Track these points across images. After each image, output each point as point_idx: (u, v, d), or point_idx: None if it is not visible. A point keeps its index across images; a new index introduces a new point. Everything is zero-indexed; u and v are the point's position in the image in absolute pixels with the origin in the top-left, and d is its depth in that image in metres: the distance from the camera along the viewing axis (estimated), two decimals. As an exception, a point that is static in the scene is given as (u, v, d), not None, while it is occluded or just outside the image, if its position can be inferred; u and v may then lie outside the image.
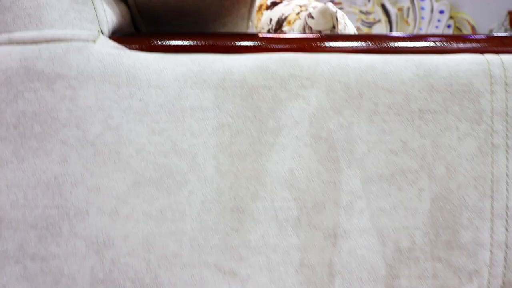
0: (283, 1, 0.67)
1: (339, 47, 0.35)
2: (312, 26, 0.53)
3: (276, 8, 0.66)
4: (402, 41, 0.37)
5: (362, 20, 3.34)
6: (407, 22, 3.36)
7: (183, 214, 0.32)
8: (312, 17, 0.52)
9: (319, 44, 0.35)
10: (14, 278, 0.31)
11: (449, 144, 0.33)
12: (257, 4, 0.68)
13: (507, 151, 0.33)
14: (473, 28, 3.41)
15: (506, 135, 0.33)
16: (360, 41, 0.36)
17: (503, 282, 0.34)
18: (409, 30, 3.38)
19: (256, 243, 0.32)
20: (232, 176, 0.32)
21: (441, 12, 3.38)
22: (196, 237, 0.32)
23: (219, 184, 0.32)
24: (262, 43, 0.36)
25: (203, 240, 0.32)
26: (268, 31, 0.67)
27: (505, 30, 3.40)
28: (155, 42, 0.35)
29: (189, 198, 0.32)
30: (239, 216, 0.32)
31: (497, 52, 0.35)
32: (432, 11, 3.37)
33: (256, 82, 0.32)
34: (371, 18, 3.34)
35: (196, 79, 0.32)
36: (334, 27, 0.51)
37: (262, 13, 0.69)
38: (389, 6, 3.37)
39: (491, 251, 0.34)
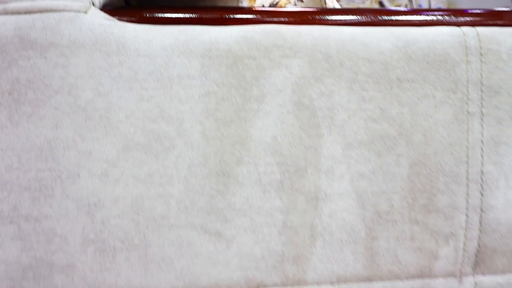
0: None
1: (326, 19, 0.36)
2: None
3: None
4: (389, 15, 0.38)
5: (360, 21, 3.36)
6: (404, 23, 3.39)
7: (171, 177, 0.33)
8: (302, 1, 0.54)
9: (308, 17, 0.36)
10: (8, 238, 0.32)
11: (426, 111, 0.34)
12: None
13: (482, 119, 0.35)
14: (469, 29, 3.43)
15: (481, 103, 0.35)
16: (347, 14, 0.37)
17: (479, 245, 0.35)
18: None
19: (241, 206, 0.33)
20: (217, 141, 0.33)
21: (439, 8, 3.40)
22: (183, 199, 0.33)
23: (205, 149, 0.33)
24: (254, 16, 0.37)
25: (189, 203, 0.33)
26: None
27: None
28: (146, 15, 0.36)
29: (176, 162, 0.33)
30: (224, 179, 0.33)
31: (473, 25, 0.36)
32: (429, 7, 3.39)
33: (241, 52, 0.34)
34: (368, 19, 3.37)
35: (183, 49, 0.33)
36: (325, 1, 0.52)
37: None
38: (387, 4, 3.38)
39: (466, 215, 0.35)
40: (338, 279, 0.34)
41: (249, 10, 0.39)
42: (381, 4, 3.41)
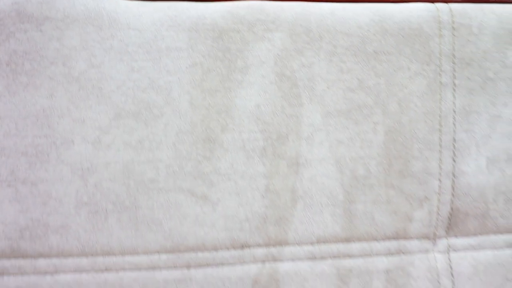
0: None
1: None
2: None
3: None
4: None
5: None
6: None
7: (160, 143, 0.35)
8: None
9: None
10: (7, 200, 0.34)
11: (401, 82, 0.36)
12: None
13: (454, 89, 0.37)
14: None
15: (453, 74, 0.37)
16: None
17: (451, 209, 0.37)
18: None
19: (226, 171, 0.35)
20: (204, 110, 0.35)
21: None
22: (171, 164, 0.35)
23: (192, 117, 0.35)
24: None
25: (177, 167, 0.35)
26: None
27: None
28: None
29: (165, 130, 0.35)
30: (210, 146, 0.35)
31: (446, 2, 0.38)
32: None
33: (226, 25, 0.36)
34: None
35: (171, 23, 0.35)
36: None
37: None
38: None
39: (440, 180, 0.37)
40: (318, 239, 0.36)
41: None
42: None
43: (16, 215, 0.34)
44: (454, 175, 0.37)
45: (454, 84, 0.37)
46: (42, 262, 0.35)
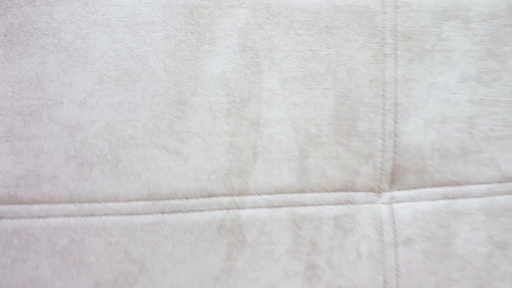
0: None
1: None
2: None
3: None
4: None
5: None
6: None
7: (137, 105, 0.40)
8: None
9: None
10: (4, 153, 0.39)
11: (350, 53, 0.42)
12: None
13: (396, 60, 0.42)
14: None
15: (396, 46, 0.42)
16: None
17: (394, 165, 0.43)
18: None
19: (195, 129, 0.41)
20: (176, 76, 0.40)
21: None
22: (147, 123, 0.40)
23: (166, 82, 0.40)
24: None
25: (153, 126, 0.40)
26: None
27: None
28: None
29: (142, 93, 0.40)
30: (181, 107, 0.40)
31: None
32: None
33: (196, 2, 0.41)
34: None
35: (148, 0, 0.40)
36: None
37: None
38: None
39: (383, 139, 0.42)
40: (276, 190, 0.42)
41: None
42: None
43: (13, 166, 0.40)
44: (395, 134, 0.43)
45: (396, 55, 0.42)
46: (35, 208, 0.40)
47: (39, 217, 0.40)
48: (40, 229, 0.40)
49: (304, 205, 0.42)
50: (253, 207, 0.42)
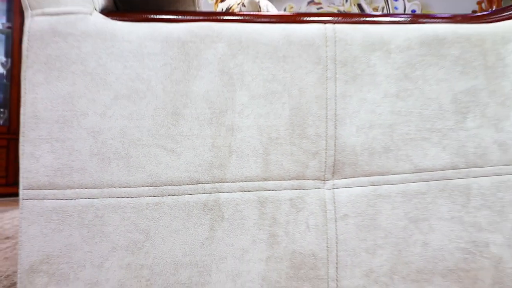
0: (232, -5, 0.89)
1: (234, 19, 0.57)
2: (244, 11, 0.75)
3: (226, 0, 0.89)
4: (278, 17, 0.59)
5: (340, 18, 3.55)
6: (381, 20, 3.58)
7: (143, 115, 0.54)
8: (244, 5, 0.75)
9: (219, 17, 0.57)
10: (46, 151, 0.53)
11: (301, 76, 0.56)
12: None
13: (335, 81, 0.56)
14: (442, 26, 3.63)
15: (335, 71, 0.56)
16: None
17: (334, 160, 0.57)
18: (383, 28, 3.59)
19: (186, 133, 0.55)
20: (172, 94, 0.54)
21: (413, 11, 3.61)
22: (151, 129, 0.54)
23: (164, 99, 0.54)
24: (202, 17, 0.58)
25: (155, 131, 0.54)
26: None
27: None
28: (128, 14, 0.57)
29: (147, 106, 0.54)
30: (176, 117, 0.55)
31: (336, 22, 0.57)
32: (404, 10, 3.59)
33: (186, 38, 0.55)
34: (348, 16, 3.56)
35: (150, 37, 0.55)
36: (259, 10, 0.74)
37: (217, 5, 0.92)
38: (365, 6, 3.59)
39: (326, 141, 0.56)
40: (246, 178, 0.56)
41: (199, 13, 0.60)
42: (360, 6, 3.61)
43: (52, 161, 0.54)
44: (335, 137, 0.57)
45: (335, 78, 0.57)
46: (68, 192, 0.54)
47: (71, 198, 0.54)
48: (72, 207, 0.54)
49: (267, 190, 0.56)
50: (229, 191, 0.56)
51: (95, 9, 0.56)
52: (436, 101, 0.58)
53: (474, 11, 3.17)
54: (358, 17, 0.59)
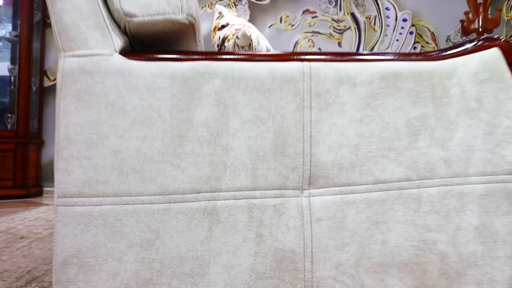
0: (228, 25, 1.02)
1: (231, 58, 0.70)
2: (238, 43, 0.88)
3: (223, 29, 1.02)
4: (268, 56, 0.72)
5: (334, 28, 3.69)
6: (374, 29, 3.72)
7: (154, 137, 0.67)
8: (238, 38, 0.88)
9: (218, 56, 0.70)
10: (76, 167, 0.67)
11: (282, 105, 0.69)
12: (213, 26, 1.02)
13: (310, 109, 0.69)
14: (432, 34, 3.77)
15: (310, 101, 0.69)
16: (240, 55, 0.71)
17: (310, 173, 0.70)
18: (376, 36, 3.73)
19: (189, 152, 0.68)
20: (178, 120, 0.67)
21: (404, 20, 3.74)
22: (160, 149, 0.67)
23: (171, 124, 0.67)
24: (202, 56, 0.71)
25: (164, 150, 0.67)
26: (217, 45, 1.03)
27: (461, 37, 3.76)
28: (142, 54, 0.70)
29: (157, 131, 0.67)
30: (180, 139, 0.67)
31: (311, 61, 0.70)
32: (396, 19, 3.72)
33: (189, 75, 0.68)
34: (342, 25, 3.70)
35: (160, 74, 0.67)
36: (250, 44, 0.86)
37: (215, 32, 1.05)
38: (358, 15, 3.72)
39: (303, 158, 0.69)
40: (238, 189, 0.69)
41: (200, 53, 0.73)
42: (353, 15, 3.73)
43: (81, 175, 0.66)
44: (311, 155, 0.70)
45: (311, 107, 0.69)
46: (94, 199, 0.67)
47: (96, 205, 0.67)
48: (97, 212, 0.67)
49: (255, 198, 0.69)
50: (224, 199, 0.69)
51: (115, 51, 0.69)
52: (393, 125, 0.71)
53: (462, 21, 3.30)
54: (331, 55, 0.72)
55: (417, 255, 0.71)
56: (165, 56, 0.71)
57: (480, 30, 3.21)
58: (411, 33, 3.74)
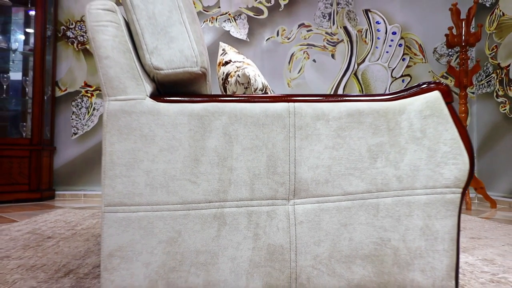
0: (230, 62, 1.24)
1: (234, 99, 0.92)
2: (239, 80, 1.10)
3: (226, 66, 1.24)
4: (263, 98, 0.94)
5: (328, 40, 3.91)
6: (365, 41, 3.95)
7: (176, 161, 0.89)
8: (239, 76, 1.10)
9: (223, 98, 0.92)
10: (118, 184, 0.88)
11: (273, 136, 0.91)
12: (218, 61, 1.24)
13: (294, 139, 0.91)
14: (420, 46, 3.99)
15: (294, 133, 0.91)
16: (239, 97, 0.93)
17: (295, 188, 0.92)
18: (367, 49, 3.95)
19: (203, 171, 0.90)
20: (194, 148, 0.90)
21: (394, 33, 3.96)
22: (182, 169, 0.89)
23: (189, 151, 0.90)
24: (212, 98, 0.93)
25: (183, 170, 0.89)
26: (222, 79, 1.25)
27: (446, 49, 3.97)
28: (167, 98, 0.92)
29: (179, 156, 0.89)
30: (196, 162, 0.90)
31: (295, 101, 0.92)
32: (386, 32, 3.95)
33: (202, 113, 0.90)
34: (335, 38, 3.92)
35: (181, 112, 0.90)
36: (249, 81, 1.09)
37: (220, 68, 1.27)
38: (350, 29, 3.95)
39: (289, 176, 0.91)
40: (240, 199, 0.91)
41: (210, 95, 0.95)
42: (345, 29, 3.95)
43: (122, 189, 0.89)
44: (295, 174, 0.92)
45: (295, 137, 0.92)
46: (132, 207, 0.89)
47: (133, 212, 0.89)
48: (134, 217, 0.89)
49: (253, 206, 0.91)
50: (229, 207, 0.91)
51: (147, 96, 0.91)
52: (357, 151, 0.93)
53: (446, 35, 3.52)
54: (310, 96, 0.94)
55: (376, 249, 0.93)
56: (184, 98, 0.93)
57: (463, 44, 3.44)
58: (400, 45, 3.96)
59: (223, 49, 1.37)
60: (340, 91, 3.87)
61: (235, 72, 1.16)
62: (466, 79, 3.42)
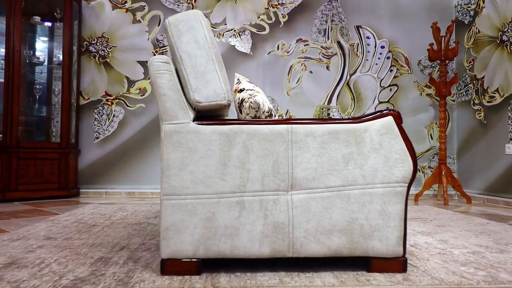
0: (244, 90, 1.66)
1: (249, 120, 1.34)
2: (252, 106, 1.52)
3: (241, 93, 1.65)
4: (274, 122, 1.36)
5: (323, 54, 4.33)
6: (357, 54, 4.36)
7: (211, 165, 1.32)
8: (252, 103, 1.51)
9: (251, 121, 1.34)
10: (172, 179, 1.30)
11: (277, 148, 1.33)
12: (233, 88, 1.65)
13: (292, 150, 1.33)
14: (406, 59, 4.40)
15: (292, 146, 1.33)
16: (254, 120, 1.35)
17: (292, 183, 1.33)
18: (358, 61, 4.36)
19: (229, 172, 1.32)
20: (223, 156, 1.32)
21: (382, 47, 4.38)
22: (214, 170, 1.32)
23: (219, 157, 1.32)
24: (236, 120, 1.35)
25: (216, 171, 1.32)
26: (238, 103, 1.67)
27: (429, 62, 4.38)
28: (204, 122, 1.33)
29: (213, 161, 1.32)
30: (224, 166, 1.32)
31: (293, 124, 1.34)
32: (375, 46, 4.36)
33: (229, 132, 1.32)
34: (329, 52, 4.34)
35: (213, 132, 1.32)
36: (259, 107, 1.50)
37: (236, 94, 1.69)
38: (343, 43, 4.36)
39: (288, 175, 1.33)
40: (254, 191, 1.32)
41: (233, 119, 1.37)
42: (339, 43, 4.36)
43: (175, 183, 1.31)
44: (292, 173, 1.33)
45: (292, 148, 1.33)
46: (182, 196, 1.32)
47: (182, 199, 1.31)
48: (182, 203, 1.31)
49: (263, 195, 1.33)
50: (247, 196, 1.32)
51: (191, 120, 1.32)
52: (335, 158, 1.34)
53: (428, 50, 3.93)
54: (303, 119, 1.35)
55: (348, 225, 1.34)
56: (216, 122, 1.34)
57: (443, 58, 3.85)
58: (388, 58, 4.38)
59: (238, 79, 1.78)
60: (334, 99, 4.29)
61: (248, 98, 1.57)
62: (445, 90, 3.83)
